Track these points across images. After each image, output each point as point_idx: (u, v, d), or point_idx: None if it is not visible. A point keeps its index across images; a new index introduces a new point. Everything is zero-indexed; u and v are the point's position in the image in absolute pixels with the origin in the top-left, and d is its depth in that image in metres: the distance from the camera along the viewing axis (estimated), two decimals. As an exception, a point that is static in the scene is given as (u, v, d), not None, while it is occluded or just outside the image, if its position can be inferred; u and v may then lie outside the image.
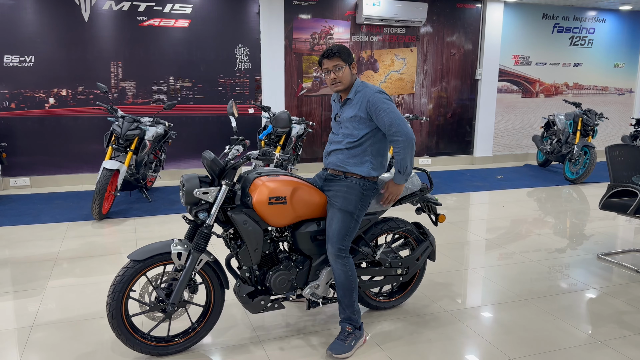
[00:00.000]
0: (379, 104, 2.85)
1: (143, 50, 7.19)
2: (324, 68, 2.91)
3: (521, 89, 9.60)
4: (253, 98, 7.80)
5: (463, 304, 3.54)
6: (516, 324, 3.27)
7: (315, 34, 8.03)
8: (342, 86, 2.91)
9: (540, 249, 4.71)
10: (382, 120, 2.84)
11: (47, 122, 6.95)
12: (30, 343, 2.94)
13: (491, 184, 7.71)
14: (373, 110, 2.86)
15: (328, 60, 2.89)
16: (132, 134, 5.56)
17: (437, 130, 9.19)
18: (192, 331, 2.85)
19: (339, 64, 2.87)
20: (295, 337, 3.05)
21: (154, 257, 2.70)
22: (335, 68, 2.87)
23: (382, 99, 2.87)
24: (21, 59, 6.70)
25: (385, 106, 2.86)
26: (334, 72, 2.88)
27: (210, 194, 2.70)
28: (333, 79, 2.90)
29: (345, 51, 2.90)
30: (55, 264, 4.19)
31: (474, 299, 3.64)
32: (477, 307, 3.50)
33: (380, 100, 2.86)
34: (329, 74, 2.90)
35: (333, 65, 2.87)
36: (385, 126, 2.84)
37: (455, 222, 5.54)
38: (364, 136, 2.92)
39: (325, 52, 2.89)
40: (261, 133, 2.92)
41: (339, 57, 2.87)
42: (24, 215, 5.62)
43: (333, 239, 2.83)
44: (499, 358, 2.86)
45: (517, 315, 3.39)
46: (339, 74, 2.88)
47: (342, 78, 2.89)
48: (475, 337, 3.08)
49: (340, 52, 2.88)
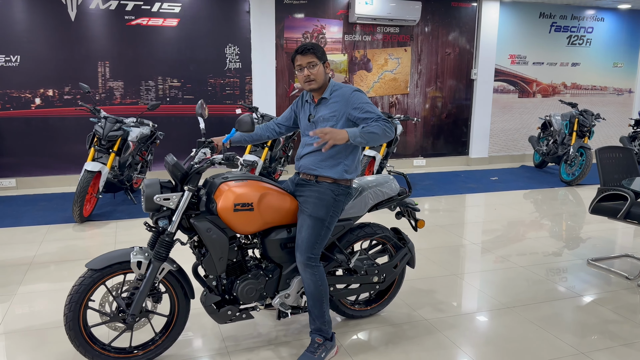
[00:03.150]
0: (360, 99, 2.76)
1: (131, 49, 7.09)
2: (297, 65, 2.79)
3: (518, 89, 9.46)
4: (244, 98, 7.69)
5: (443, 312, 3.42)
6: (497, 334, 3.15)
7: (307, 33, 7.90)
8: (315, 84, 2.79)
9: (529, 254, 4.58)
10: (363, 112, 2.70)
11: (34, 123, 6.85)
12: (-11, 354, 2.84)
13: (485, 185, 7.58)
14: (355, 106, 2.73)
15: (302, 57, 2.76)
16: (114, 135, 5.45)
17: (432, 131, 9.06)
18: (152, 344, 2.73)
19: (313, 61, 2.75)
20: (265, 349, 2.93)
21: (113, 265, 2.58)
22: (309, 65, 2.75)
23: (361, 95, 2.79)
24: (6, 59, 6.60)
25: (367, 101, 2.77)
26: (308, 69, 2.76)
27: (172, 200, 2.58)
28: (307, 76, 2.77)
29: (320, 49, 2.79)
30: (29, 269, 4.09)
31: (456, 307, 3.51)
32: (458, 315, 3.38)
33: (360, 97, 2.78)
34: (302, 71, 2.78)
35: (307, 62, 2.75)
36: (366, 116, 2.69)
37: (444, 226, 5.41)
38: None
39: (299, 48, 2.77)
40: (225, 137, 2.79)
41: (313, 54, 2.75)
42: (5, 217, 5.52)
43: (302, 246, 2.71)
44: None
45: (499, 325, 3.26)
46: (313, 71, 2.76)
47: (316, 76, 2.77)
48: (453, 349, 2.96)
49: (314, 49, 2.76)
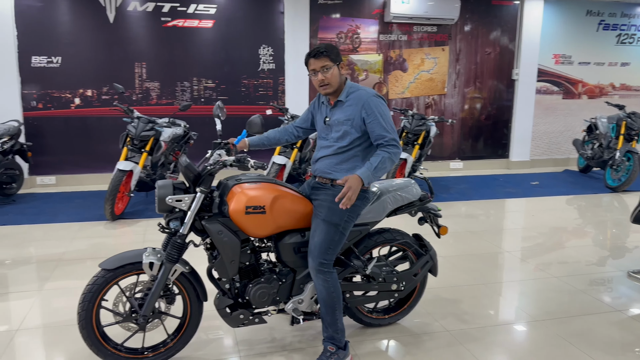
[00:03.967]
0: (376, 107, 2.66)
1: (167, 50, 7.20)
2: (311, 69, 2.72)
3: (562, 90, 9.07)
4: (276, 99, 7.68)
5: (467, 323, 3.27)
6: (523, 348, 2.98)
7: (341, 34, 7.83)
8: (330, 88, 2.71)
9: (564, 264, 4.35)
10: (376, 124, 2.63)
11: (73, 122, 7.05)
12: (10, 348, 2.90)
13: (525, 190, 7.29)
14: (369, 113, 2.65)
15: (315, 60, 2.69)
16: (146, 135, 5.53)
17: (471, 133, 8.80)
18: (163, 346, 2.72)
19: (327, 64, 2.67)
20: (278, 354, 2.88)
21: (125, 266, 2.59)
22: (323, 69, 2.67)
23: (379, 103, 2.68)
24: (48, 60, 6.82)
25: (383, 111, 2.66)
26: (322, 73, 2.68)
27: (184, 201, 2.56)
28: (321, 81, 2.70)
29: (334, 50, 2.70)
30: (58, 265, 4.18)
31: (481, 318, 3.35)
32: (482, 327, 3.22)
33: (377, 104, 2.68)
34: (316, 75, 2.70)
35: (321, 65, 2.67)
36: (378, 132, 2.63)
37: (476, 232, 5.22)
38: (356, 140, 2.72)
39: (312, 52, 2.69)
40: (237, 138, 2.75)
41: (327, 57, 2.67)
42: (42, 214, 5.69)
43: (315, 252, 2.64)
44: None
45: (526, 339, 3.09)
46: (327, 75, 2.68)
47: (330, 80, 2.69)
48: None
49: (328, 51, 2.68)
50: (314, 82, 2.74)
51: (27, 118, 6.87)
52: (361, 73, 8.04)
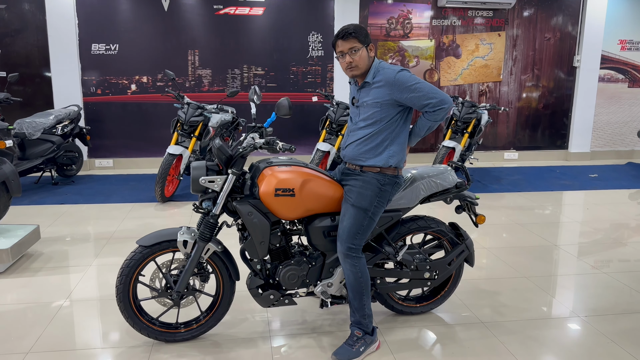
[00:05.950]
0: (407, 82, 2.59)
1: (219, 38, 7.35)
2: (339, 51, 2.68)
3: (628, 77, 8.55)
4: (325, 86, 7.68)
5: (504, 316, 3.18)
6: (559, 344, 2.86)
7: (392, 19, 7.70)
8: (358, 71, 2.68)
9: (615, 260, 4.13)
10: (414, 98, 2.59)
11: (129, 108, 7.35)
12: (56, 318, 3.09)
13: (582, 183, 6.96)
14: (402, 90, 2.59)
15: (343, 42, 2.65)
16: (195, 120, 5.69)
17: (527, 122, 8.47)
18: (195, 323, 2.81)
19: (355, 45, 2.63)
20: (307, 336, 2.91)
21: (161, 243, 2.69)
22: (350, 51, 2.63)
23: (407, 75, 2.61)
24: (107, 47, 7.13)
25: (415, 81, 2.60)
26: (350, 55, 2.64)
27: (216, 182, 2.62)
28: (349, 63, 2.66)
29: (362, 31, 2.65)
30: (108, 243, 4.40)
31: (519, 312, 3.25)
32: (519, 321, 3.12)
33: (406, 78, 2.60)
34: (344, 57, 2.67)
35: (349, 47, 2.63)
36: (419, 103, 2.60)
37: (524, 224, 5.04)
38: (384, 122, 2.67)
39: (340, 33, 2.65)
40: (266, 121, 2.77)
41: (355, 38, 2.63)
42: (98, 194, 5.99)
43: (343, 236, 2.64)
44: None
45: (564, 335, 2.97)
46: (355, 57, 2.63)
47: (358, 62, 2.65)
48: (506, 356, 2.74)
49: (356, 33, 2.63)
50: (341, 64, 2.70)
51: (87, 103, 7.22)
52: (412, 59, 7.89)
